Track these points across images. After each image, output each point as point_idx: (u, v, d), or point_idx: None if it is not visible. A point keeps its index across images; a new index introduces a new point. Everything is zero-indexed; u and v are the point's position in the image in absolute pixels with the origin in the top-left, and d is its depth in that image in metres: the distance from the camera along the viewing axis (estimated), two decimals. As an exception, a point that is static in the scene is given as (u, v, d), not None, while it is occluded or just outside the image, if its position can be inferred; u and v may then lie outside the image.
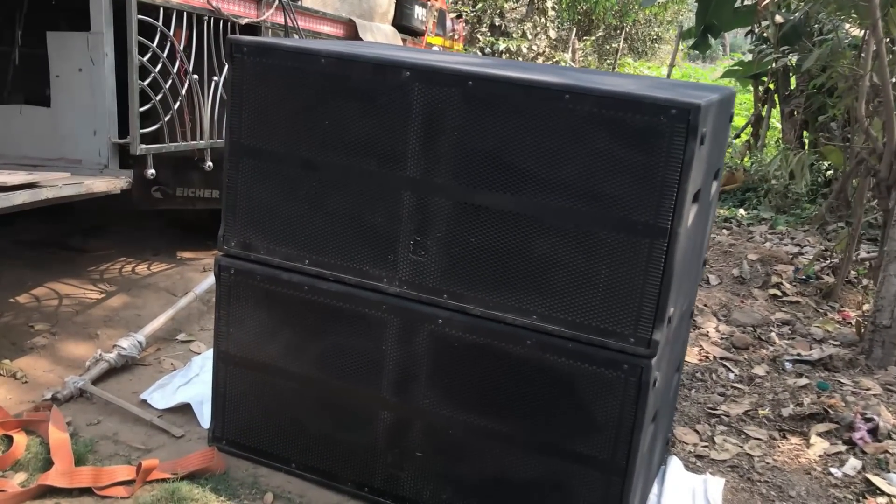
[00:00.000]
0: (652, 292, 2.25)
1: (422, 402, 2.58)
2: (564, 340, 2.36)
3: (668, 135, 2.14)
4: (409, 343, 2.55)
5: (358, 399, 2.66)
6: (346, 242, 2.56)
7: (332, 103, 2.49)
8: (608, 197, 2.23)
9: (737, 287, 5.23)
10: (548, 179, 2.28)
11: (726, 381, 3.88)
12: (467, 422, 2.53)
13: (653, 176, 2.18)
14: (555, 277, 2.34)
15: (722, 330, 4.48)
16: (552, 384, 2.41)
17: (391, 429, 2.64)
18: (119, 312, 3.95)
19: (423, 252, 2.47)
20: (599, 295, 2.30)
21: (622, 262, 2.26)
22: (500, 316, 2.42)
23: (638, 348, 2.29)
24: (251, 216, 2.68)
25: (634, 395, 2.33)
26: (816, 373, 3.99)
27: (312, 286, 2.63)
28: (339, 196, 2.54)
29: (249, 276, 2.72)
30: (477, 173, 2.35)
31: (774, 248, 5.94)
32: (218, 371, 2.85)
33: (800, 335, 4.53)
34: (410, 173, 2.43)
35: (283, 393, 2.77)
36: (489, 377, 2.48)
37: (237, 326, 2.78)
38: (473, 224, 2.39)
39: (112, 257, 4.72)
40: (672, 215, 2.19)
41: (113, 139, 3.59)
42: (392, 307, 2.54)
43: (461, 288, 2.45)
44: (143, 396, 3.22)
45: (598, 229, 2.26)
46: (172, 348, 3.71)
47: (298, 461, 2.80)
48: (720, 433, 3.39)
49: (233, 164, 2.67)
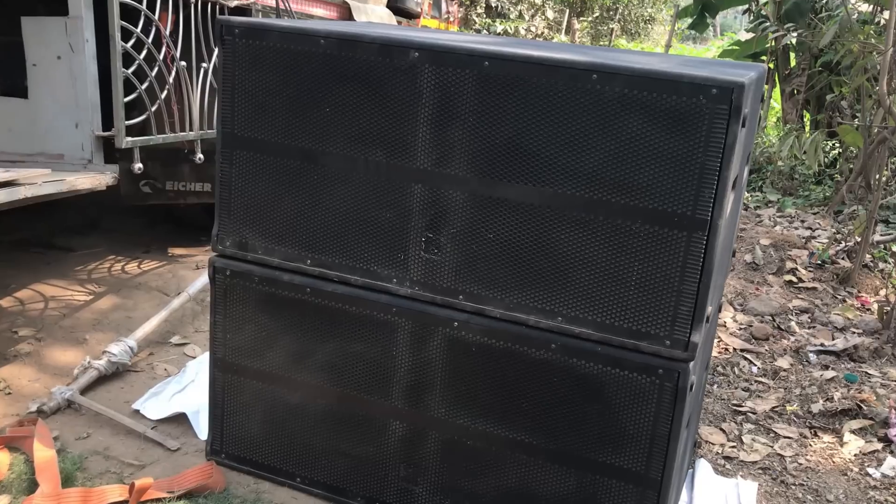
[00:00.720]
0: (690, 290, 2.05)
1: (437, 412, 2.38)
2: (593, 344, 2.17)
3: (707, 117, 1.94)
4: (423, 348, 2.35)
5: (367, 409, 2.46)
6: (351, 240, 2.36)
7: (333, 89, 2.28)
8: (641, 186, 2.03)
9: (751, 273, 5.04)
10: (573, 168, 2.08)
11: (749, 374, 3.69)
12: (487, 432, 2.34)
13: (691, 162, 1.98)
14: (582, 275, 2.14)
15: (740, 320, 4.30)
16: (580, 391, 2.22)
17: (404, 440, 2.45)
18: (109, 315, 3.73)
19: (436, 250, 2.27)
20: (631, 294, 2.10)
21: (657, 258, 2.06)
22: (521, 318, 2.22)
23: (674, 351, 2.10)
24: (247, 213, 2.47)
25: (670, 401, 2.14)
26: (842, 364, 3.81)
27: (315, 288, 2.43)
28: (342, 190, 2.33)
29: (247, 278, 2.51)
30: (494, 163, 2.15)
31: (786, 232, 5.76)
32: (215, 380, 2.65)
33: (820, 323, 4.35)
34: (421, 164, 2.22)
35: (286, 403, 2.57)
36: (510, 384, 2.28)
37: (234, 332, 2.58)
38: (491, 218, 2.19)
39: (101, 256, 4.49)
40: (712, 206, 1.99)
41: (96, 132, 3.35)
42: (403, 310, 2.34)
43: (478, 288, 2.25)
44: (135, 406, 3.01)
45: (629, 222, 2.06)
46: (166, 352, 3.50)
47: (304, 475, 2.60)
48: (748, 432, 3.21)
49: (226, 157, 2.46)
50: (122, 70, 3.26)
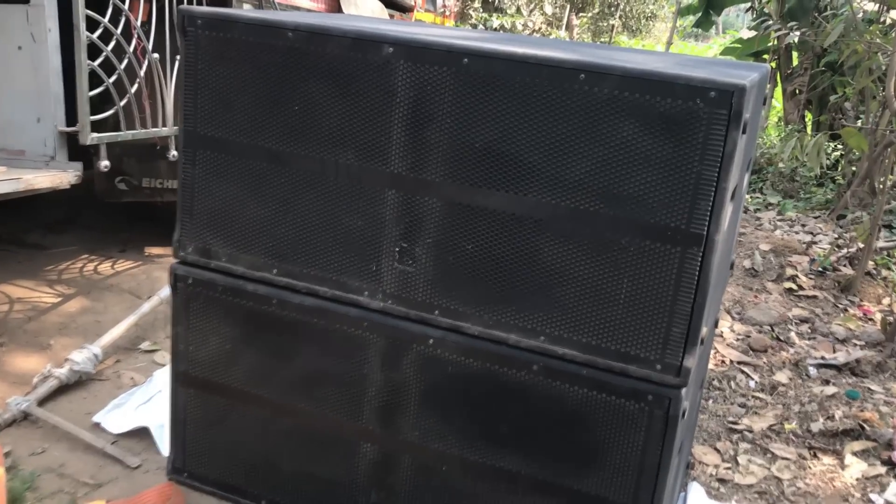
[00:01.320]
0: (683, 310, 1.89)
1: (410, 435, 2.21)
2: (578, 366, 2.00)
3: (705, 122, 1.77)
4: (395, 366, 2.18)
5: (336, 429, 2.30)
6: (320, 249, 2.19)
7: (302, 85, 2.11)
8: (631, 197, 1.86)
9: (749, 280, 4.88)
10: (558, 176, 1.91)
11: (746, 389, 3.53)
12: (463, 458, 2.17)
13: (686, 172, 1.81)
14: (566, 292, 1.97)
15: (737, 330, 4.13)
16: (563, 416, 2.05)
17: (375, 464, 2.28)
18: (76, 319, 3.56)
19: (411, 261, 2.10)
20: (620, 313, 1.94)
21: (648, 275, 1.89)
22: (501, 336, 2.06)
23: (665, 376, 1.93)
24: (211, 218, 2.30)
25: (660, 429, 1.98)
26: (843, 378, 3.64)
27: (282, 299, 2.26)
28: (311, 195, 2.16)
29: (209, 287, 2.34)
30: (473, 169, 1.98)
31: (786, 237, 5.59)
32: (176, 395, 2.48)
33: (821, 334, 4.19)
34: (395, 168, 2.05)
35: (251, 421, 2.40)
36: (489, 407, 2.12)
37: (197, 344, 2.41)
38: (470, 228, 2.02)
39: (74, 255, 4.32)
40: (708, 219, 1.82)
41: (60, 127, 3.18)
42: (375, 324, 2.17)
43: (455, 303, 2.08)
44: (96, 419, 2.85)
45: (618, 235, 1.89)
46: (134, 359, 3.33)
47: (269, 498, 2.44)
48: (744, 452, 3.04)
49: (188, 157, 2.29)
50: (88, 62, 3.08)
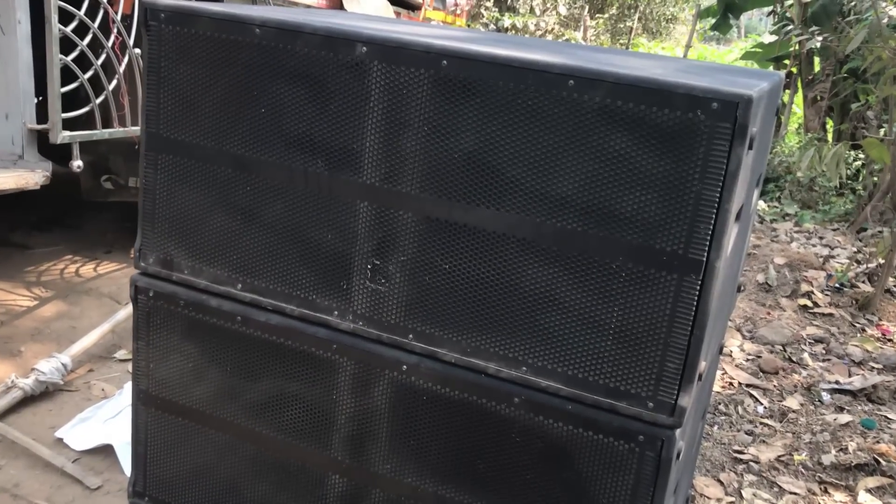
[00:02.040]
0: (679, 344, 1.70)
1: (381, 468, 2.04)
2: (563, 400, 1.82)
3: (706, 136, 1.58)
4: (366, 393, 2.01)
5: (304, 458, 2.13)
6: (287, 264, 2.02)
7: (269, 87, 1.94)
8: (624, 217, 1.68)
9: (762, 296, 4.66)
10: (544, 192, 1.72)
11: (754, 415, 3.33)
12: (438, 495, 1.99)
13: (684, 191, 1.62)
14: (551, 319, 1.79)
15: (747, 349, 3.93)
16: (546, 454, 1.87)
17: (344, 497, 2.11)
18: (51, 324, 3.41)
19: (384, 280, 1.92)
20: (609, 345, 1.75)
21: (640, 304, 1.71)
22: (480, 365, 1.88)
23: (658, 415, 1.75)
24: (173, 227, 2.14)
25: (652, 472, 1.79)
26: (859, 405, 3.44)
27: (247, 316, 2.09)
28: (278, 205, 1.99)
29: (171, 301, 2.18)
30: (452, 181, 1.80)
31: (803, 250, 5.37)
32: (138, 415, 2.32)
33: (836, 356, 3.98)
34: (367, 178, 1.88)
35: (215, 445, 2.24)
36: (466, 441, 1.94)
37: (158, 362, 2.24)
38: (447, 246, 1.84)
39: (57, 255, 4.17)
40: (709, 244, 1.63)
41: (29, 124, 3.02)
42: (344, 347, 2.00)
43: (431, 327, 1.90)
44: (59, 434, 2.70)
45: (609, 259, 1.71)
46: (108, 369, 3.18)
47: (233, 528, 2.27)
48: (748, 484, 2.85)
49: (150, 161, 2.13)
50: (60, 56, 2.91)
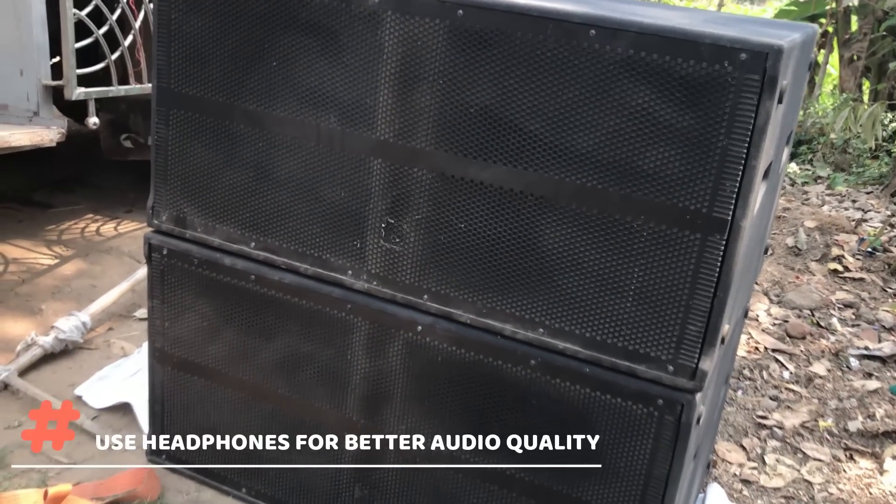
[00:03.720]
0: (701, 306, 1.64)
1: (396, 427, 2.02)
2: (580, 363, 1.78)
3: (734, 89, 1.51)
4: (381, 353, 1.98)
5: (319, 418, 2.11)
6: (301, 222, 1.98)
7: (281, 39, 1.88)
8: (646, 174, 1.61)
9: (791, 259, 4.57)
10: (563, 147, 1.66)
11: (780, 380, 3.26)
12: (454, 455, 1.97)
13: (710, 147, 1.55)
14: (570, 280, 1.74)
15: (774, 314, 3.85)
16: (563, 417, 1.83)
17: (359, 457, 2.09)
18: (71, 282, 3.42)
19: (398, 239, 1.88)
20: (629, 306, 1.70)
21: (662, 264, 1.65)
22: (496, 326, 1.83)
23: (678, 379, 1.70)
24: (186, 184, 2.11)
25: (671, 437, 1.75)
26: (888, 372, 3.36)
27: (260, 275, 2.06)
28: (291, 162, 1.95)
29: (185, 259, 2.15)
30: (468, 137, 1.74)
31: (834, 214, 5.25)
32: (154, 373, 2.32)
33: (865, 321, 3.88)
34: (381, 134, 1.82)
35: (231, 404, 2.23)
36: (481, 401, 1.91)
37: (173, 320, 2.23)
38: (463, 205, 1.79)
39: (78, 214, 4.17)
40: (734, 202, 1.56)
41: (44, 81, 2.99)
42: (359, 307, 1.97)
43: (446, 287, 1.86)
44: (77, 392, 2.70)
45: (630, 217, 1.65)
46: (128, 327, 3.18)
47: (249, 486, 2.27)
48: (772, 450, 2.79)
49: (162, 116, 2.09)
50: (74, 11, 2.87)
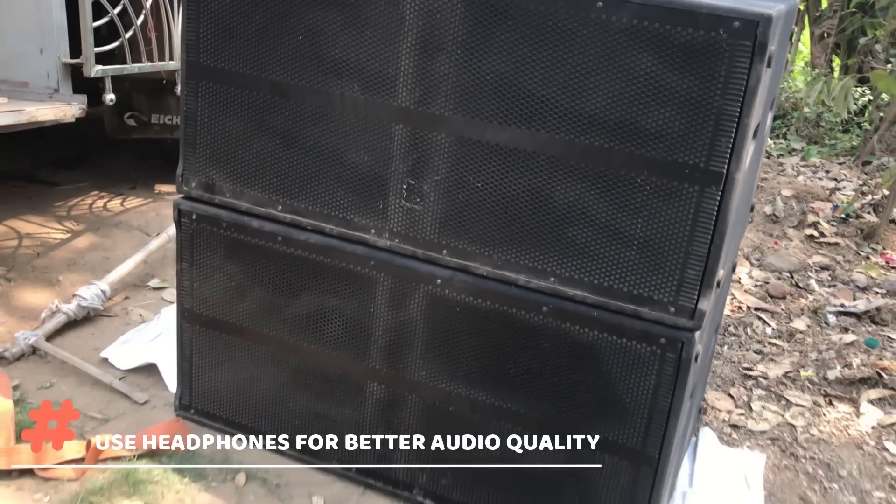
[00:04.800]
0: (699, 252, 1.82)
1: (417, 375, 2.18)
2: (589, 308, 1.95)
3: (728, 54, 1.68)
4: (403, 306, 2.14)
5: (343, 368, 2.27)
6: (326, 185, 2.13)
7: (307, 13, 2.02)
8: (648, 133, 1.78)
9: (770, 226, 4.78)
10: (573, 110, 1.83)
11: (763, 336, 3.47)
12: (471, 398, 2.14)
13: (706, 107, 1.72)
14: (579, 232, 1.91)
15: (756, 276, 4.06)
16: (573, 359, 2.00)
17: (382, 403, 2.26)
18: (85, 255, 3.54)
19: (419, 199, 2.04)
20: (633, 254, 1.87)
21: (663, 215, 1.82)
22: (510, 277, 2.00)
23: (679, 319, 1.88)
24: (214, 152, 2.25)
25: (672, 373, 1.93)
26: (863, 327, 3.58)
27: (287, 236, 2.21)
28: (316, 129, 2.09)
29: (214, 223, 2.30)
30: (484, 102, 1.90)
31: (809, 183, 5.47)
32: (182, 332, 2.46)
33: (841, 282, 4.11)
34: (402, 102, 1.98)
35: (258, 359, 2.38)
36: (497, 348, 2.08)
37: (202, 281, 2.37)
38: (480, 165, 1.95)
39: (84, 191, 4.28)
40: (729, 157, 1.74)
41: (63, 59, 3.10)
42: (381, 263, 2.12)
43: (464, 242, 2.02)
44: (104, 354, 2.84)
45: (634, 173, 1.82)
46: (143, 296, 3.31)
47: (276, 436, 2.42)
48: (758, 398, 3.00)
49: (191, 89, 2.23)
50: (92, -9, 3.00)
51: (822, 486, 2.56)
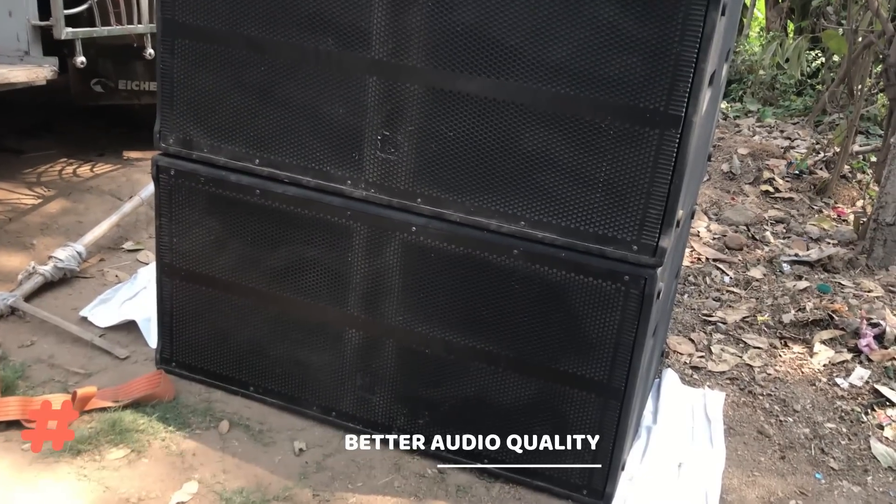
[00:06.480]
0: (660, 192, 1.93)
1: (394, 320, 2.27)
2: (557, 249, 2.06)
3: (684, 4, 1.78)
4: (379, 254, 2.23)
5: (322, 316, 2.35)
6: (302, 139, 2.20)
7: (280, -30, 2.08)
8: (611, 80, 1.88)
9: (727, 183, 4.93)
10: (539, 59, 1.92)
11: (721, 284, 3.62)
12: (446, 340, 2.24)
13: (665, 54, 1.82)
14: (546, 177, 2.00)
15: (714, 229, 4.21)
16: (542, 298, 2.11)
17: (360, 349, 2.35)
18: (57, 219, 3.56)
19: (393, 149, 2.12)
20: (598, 196, 1.98)
21: (626, 157, 1.93)
22: (482, 222, 2.10)
23: (641, 257, 1.99)
24: (191, 108, 2.30)
25: (636, 309, 2.05)
26: (816, 274, 3.74)
27: (265, 189, 2.28)
28: (292, 83, 2.16)
29: (192, 178, 2.35)
30: (455, 53, 1.98)
31: (765, 142, 5.63)
32: (163, 286, 2.52)
33: (795, 234, 4.28)
34: (375, 54, 2.05)
35: (238, 310, 2.45)
36: (470, 291, 2.17)
37: (182, 236, 2.43)
38: (451, 115, 2.03)
39: (52, 158, 4.28)
40: (687, 101, 1.84)
41: (32, 21, 3.10)
42: (358, 213, 2.20)
43: (437, 190, 2.11)
44: (83, 313, 2.89)
45: (598, 119, 1.92)
46: (118, 258, 3.35)
47: (257, 384, 2.51)
48: (717, 342, 3.15)
49: (167, 46, 2.27)
50: (60, -48, 3.00)
51: (778, 420, 2.72)
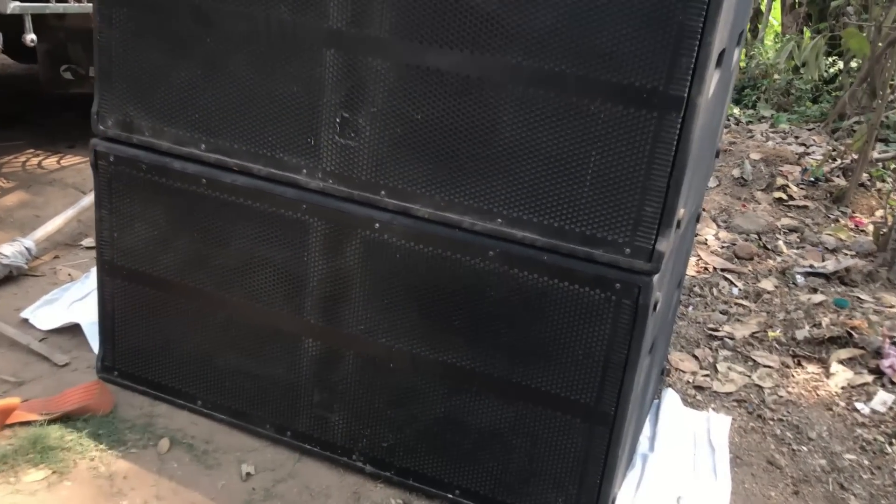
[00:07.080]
0: (658, 186, 1.65)
1: (355, 329, 2.00)
2: (538, 251, 1.78)
3: (690, -38, 1.50)
4: (338, 253, 1.96)
5: (276, 323, 2.08)
6: (252, 121, 1.93)
7: (227, -73, 1.82)
8: (602, 54, 1.60)
9: (738, 189, 4.65)
10: (520, 31, 1.65)
11: (729, 296, 3.33)
12: (412, 354, 1.96)
13: (666, 23, 1.55)
14: (527, 168, 1.73)
15: (722, 237, 3.92)
16: (522, 308, 1.84)
17: (317, 361, 2.08)
18: (14, 213, 3.31)
19: (353, 133, 1.85)
20: (586, 191, 1.70)
21: (619, 146, 1.65)
22: (454, 219, 1.82)
23: (635, 261, 1.71)
24: (131, 87, 2.04)
25: (628, 322, 1.77)
26: (832, 287, 3.45)
27: (212, 179, 2.01)
28: (240, 58, 1.89)
29: (133, 166, 2.09)
30: (424, 23, 1.71)
31: (778, 147, 5.34)
32: (104, 286, 2.26)
33: (810, 244, 3.98)
34: (334, 23, 1.78)
35: (185, 315, 2.19)
36: (440, 298, 1.90)
37: (123, 231, 2.18)
38: (419, 94, 1.76)
39: (19, 149, 4.04)
40: (690, 79, 1.57)
41: (-26, -7, 2.88)
42: (314, 207, 1.94)
43: (403, 182, 1.84)
44: (24, 314, 2.63)
45: (587, 100, 1.64)
46: (74, 255, 3.10)
47: (205, 398, 2.24)
48: (723, 359, 2.86)
49: (104, 16, 2.01)
50: (6, -81, 2.76)
51: (791, 449, 2.43)
